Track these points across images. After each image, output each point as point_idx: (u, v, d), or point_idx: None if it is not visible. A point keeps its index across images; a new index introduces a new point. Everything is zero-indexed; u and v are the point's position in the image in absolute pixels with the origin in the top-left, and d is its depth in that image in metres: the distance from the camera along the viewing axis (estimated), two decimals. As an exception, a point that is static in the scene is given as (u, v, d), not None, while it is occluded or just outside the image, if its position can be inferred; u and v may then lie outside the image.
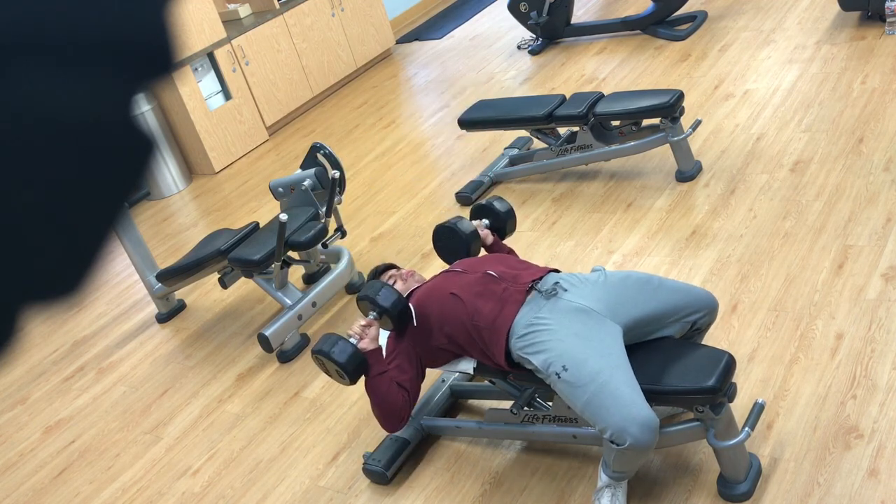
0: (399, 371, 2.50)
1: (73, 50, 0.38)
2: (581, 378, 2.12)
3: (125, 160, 0.42)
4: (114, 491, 3.10)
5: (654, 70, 5.12)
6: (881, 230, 3.10)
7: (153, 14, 0.41)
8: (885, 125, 3.75)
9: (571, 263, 3.52)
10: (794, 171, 3.64)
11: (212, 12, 5.77)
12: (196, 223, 5.19)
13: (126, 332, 4.17)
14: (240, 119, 6.00)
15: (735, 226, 3.41)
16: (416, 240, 4.13)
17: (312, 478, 2.84)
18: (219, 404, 3.40)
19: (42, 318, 0.42)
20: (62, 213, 0.40)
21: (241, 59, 5.93)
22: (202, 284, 4.37)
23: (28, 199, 0.39)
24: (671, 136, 3.73)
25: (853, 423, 2.36)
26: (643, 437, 2.03)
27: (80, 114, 0.39)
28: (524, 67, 5.89)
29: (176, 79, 5.33)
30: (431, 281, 2.61)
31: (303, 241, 3.47)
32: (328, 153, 3.72)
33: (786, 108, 4.17)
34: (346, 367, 2.43)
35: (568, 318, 2.25)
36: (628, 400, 2.06)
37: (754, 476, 2.26)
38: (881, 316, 2.71)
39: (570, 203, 3.98)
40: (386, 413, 2.49)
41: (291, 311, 3.49)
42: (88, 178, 0.41)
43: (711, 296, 2.40)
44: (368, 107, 6.14)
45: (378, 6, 6.94)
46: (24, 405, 3.81)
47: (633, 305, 2.30)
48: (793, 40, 4.88)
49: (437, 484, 2.64)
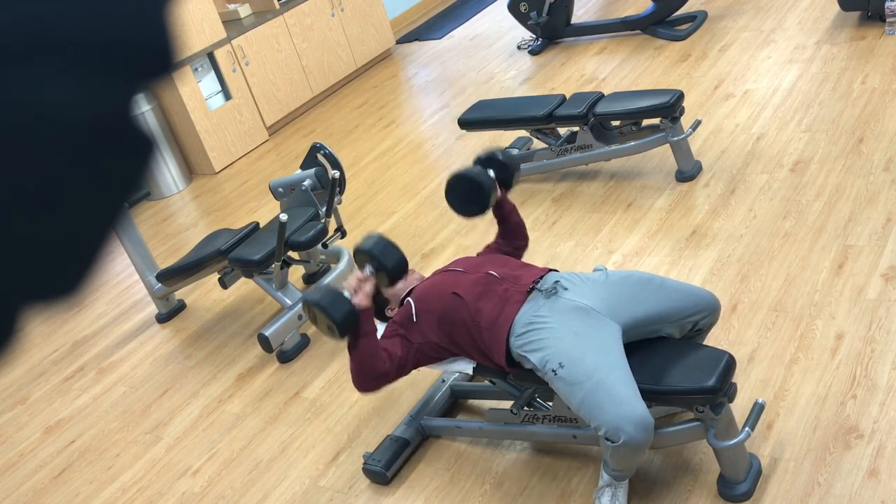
0: (392, 345, 2.44)
1: (73, 50, 0.38)
2: (577, 375, 2.12)
3: (125, 160, 0.42)
4: (114, 491, 3.10)
5: (654, 70, 5.12)
6: (881, 230, 3.10)
7: (153, 14, 0.41)
8: (885, 125, 3.75)
9: (571, 263, 3.52)
10: (794, 171, 3.64)
11: (212, 12, 5.77)
12: (196, 223, 5.19)
13: (126, 332, 4.17)
14: (240, 119, 6.00)
15: (735, 226, 3.41)
16: (416, 240, 4.13)
17: (312, 478, 2.84)
18: (219, 404, 3.39)
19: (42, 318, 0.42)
20: (62, 213, 0.40)
21: (241, 59, 5.93)
22: (202, 284, 4.37)
23: (28, 199, 0.39)
24: (671, 136, 3.73)
25: (853, 423, 2.36)
26: (637, 434, 2.03)
27: (80, 114, 0.39)
28: (524, 67, 5.89)
29: (176, 79, 5.32)
30: (433, 278, 2.59)
31: (303, 241, 3.47)
32: (328, 153, 3.72)
33: (786, 108, 4.17)
34: (340, 324, 2.29)
35: (567, 316, 2.25)
36: (623, 398, 2.06)
37: (754, 476, 2.26)
38: (881, 316, 2.71)
39: (570, 203, 3.98)
40: (364, 372, 2.38)
41: (291, 311, 3.49)
42: (88, 178, 0.41)
43: (713, 296, 2.40)
44: (368, 107, 6.14)
45: (378, 6, 6.94)
46: (24, 405, 3.81)
47: (634, 305, 2.30)
48: (793, 40, 4.88)
49: (437, 484, 2.64)
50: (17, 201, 0.38)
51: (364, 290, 2.39)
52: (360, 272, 2.44)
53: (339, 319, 2.29)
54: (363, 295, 2.38)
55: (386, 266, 2.39)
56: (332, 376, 3.32)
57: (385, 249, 2.41)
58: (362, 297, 2.38)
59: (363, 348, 2.37)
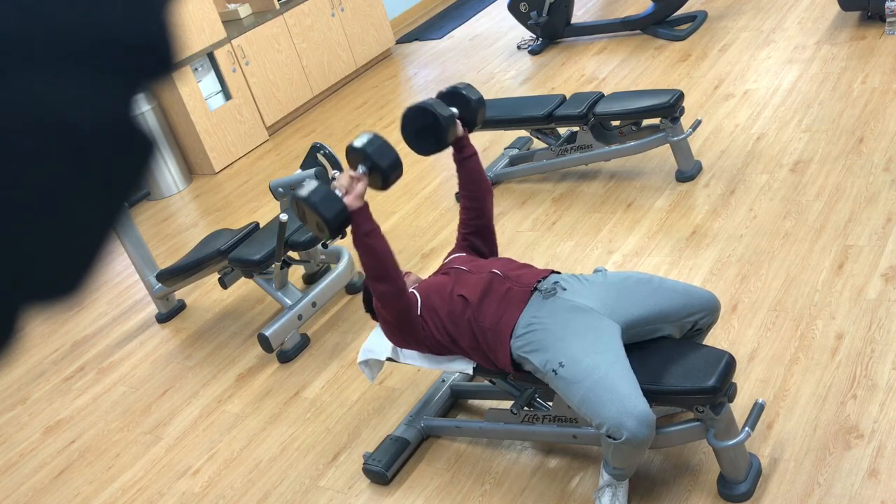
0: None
1: (73, 50, 0.38)
2: (578, 374, 2.12)
3: (125, 160, 0.42)
4: (114, 491, 3.10)
5: (654, 70, 5.12)
6: (881, 230, 3.10)
7: (153, 14, 0.41)
8: (885, 125, 3.75)
9: (571, 263, 3.52)
10: (794, 171, 3.64)
11: (212, 12, 5.77)
12: (196, 223, 5.19)
13: (126, 332, 4.17)
14: (240, 119, 6.00)
15: (735, 226, 3.41)
16: (416, 240, 4.13)
17: (312, 478, 2.84)
18: (219, 404, 3.39)
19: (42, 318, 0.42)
20: (62, 214, 0.40)
21: (241, 59, 5.93)
22: (202, 284, 4.37)
23: (28, 199, 0.39)
24: (671, 136, 3.73)
25: (853, 423, 2.36)
26: (639, 430, 2.02)
27: (81, 114, 0.39)
28: (524, 67, 5.89)
29: (176, 79, 5.33)
30: (437, 277, 2.57)
31: (303, 241, 3.47)
32: (328, 153, 3.72)
33: (786, 108, 4.17)
34: (330, 223, 2.19)
35: (566, 316, 2.25)
36: (624, 394, 2.06)
37: (754, 476, 2.26)
38: (881, 316, 2.71)
39: (570, 203, 3.98)
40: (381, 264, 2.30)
41: (291, 311, 3.49)
42: (89, 179, 0.41)
43: (713, 296, 2.39)
44: (368, 107, 6.14)
45: (378, 6, 6.94)
46: (25, 405, 3.81)
47: (633, 305, 2.30)
48: (793, 40, 4.88)
49: (437, 484, 2.64)
50: (18, 201, 0.38)
51: (356, 190, 2.28)
52: (352, 171, 2.33)
53: (330, 218, 2.19)
54: (355, 195, 2.28)
55: (380, 166, 2.27)
56: (332, 376, 3.32)
57: (380, 149, 2.28)
58: (354, 197, 2.27)
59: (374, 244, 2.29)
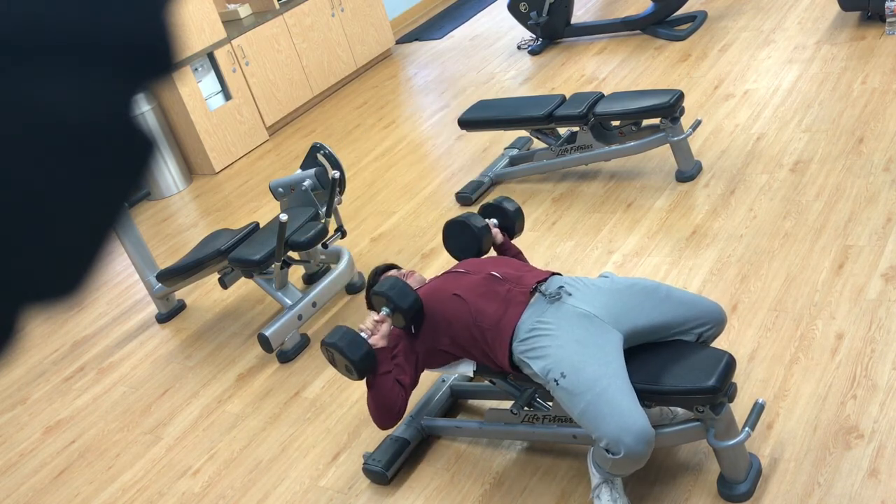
0: (399, 370, 2.49)
1: (72, 50, 0.38)
2: (579, 386, 2.12)
3: (125, 160, 0.42)
4: (114, 491, 3.10)
5: (654, 70, 5.12)
6: (881, 230, 3.10)
7: (153, 14, 0.41)
8: (885, 125, 3.75)
9: (571, 264, 3.52)
10: (794, 171, 3.64)
11: (212, 12, 5.77)
12: (196, 223, 5.19)
13: (126, 332, 4.17)
14: (240, 119, 6.00)
15: (735, 226, 3.41)
16: (416, 240, 4.13)
17: (312, 478, 2.84)
18: (219, 404, 3.39)
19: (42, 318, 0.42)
20: (62, 214, 0.40)
21: (241, 59, 5.93)
22: (202, 284, 4.37)
23: (28, 199, 0.39)
24: (671, 136, 3.73)
25: (853, 423, 2.36)
26: (638, 447, 2.03)
27: (80, 114, 0.39)
28: (524, 67, 5.89)
29: (176, 79, 5.33)
30: (434, 281, 2.59)
31: (303, 241, 3.47)
32: (328, 153, 3.72)
33: (786, 108, 4.17)
34: (357, 365, 2.39)
35: (570, 323, 2.24)
36: (625, 410, 2.06)
37: (754, 476, 2.26)
38: (881, 316, 2.71)
39: (570, 203, 3.98)
40: (384, 410, 2.46)
41: (291, 311, 3.49)
42: (88, 179, 0.41)
43: (719, 308, 2.37)
44: (368, 107, 6.14)
45: (378, 6, 6.94)
46: (24, 405, 3.81)
47: (638, 314, 2.28)
48: (793, 40, 4.88)
49: (437, 484, 2.64)
50: (17, 201, 0.38)
51: (380, 331, 2.47)
52: (376, 314, 2.52)
53: (356, 361, 2.38)
54: (379, 336, 2.46)
55: (402, 307, 2.47)
56: (332, 376, 3.32)
57: (401, 292, 2.48)
58: (378, 338, 2.46)
59: (382, 386, 2.43)
